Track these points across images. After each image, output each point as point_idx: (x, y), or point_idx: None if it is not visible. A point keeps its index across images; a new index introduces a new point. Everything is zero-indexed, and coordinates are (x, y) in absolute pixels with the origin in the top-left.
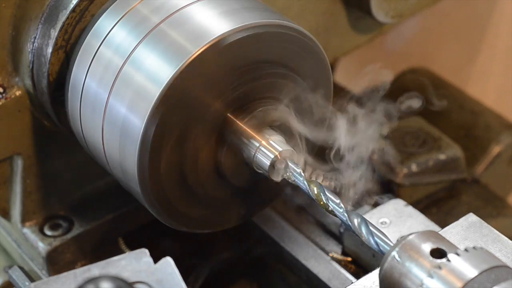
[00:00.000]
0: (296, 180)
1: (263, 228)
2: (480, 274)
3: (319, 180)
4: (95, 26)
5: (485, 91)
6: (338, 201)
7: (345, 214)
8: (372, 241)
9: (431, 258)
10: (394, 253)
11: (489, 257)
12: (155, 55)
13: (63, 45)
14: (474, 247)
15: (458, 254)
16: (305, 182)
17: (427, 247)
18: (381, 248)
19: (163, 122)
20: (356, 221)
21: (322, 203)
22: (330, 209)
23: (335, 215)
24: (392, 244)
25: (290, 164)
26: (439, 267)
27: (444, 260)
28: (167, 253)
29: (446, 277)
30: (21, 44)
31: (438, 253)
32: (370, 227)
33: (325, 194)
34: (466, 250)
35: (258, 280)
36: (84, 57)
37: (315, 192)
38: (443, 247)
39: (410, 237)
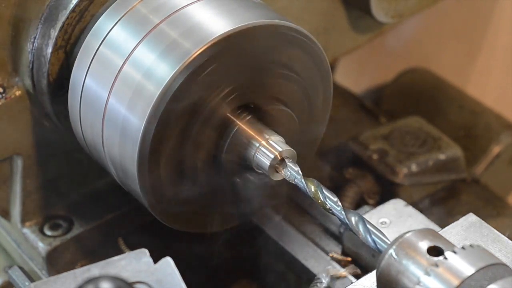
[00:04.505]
0: (294, 178)
1: (263, 228)
2: (477, 271)
3: None
4: (95, 26)
5: (485, 91)
6: (335, 199)
7: (343, 213)
8: (369, 239)
9: (428, 256)
10: (391, 251)
11: (486, 255)
12: (155, 55)
13: (63, 45)
14: (471, 245)
15: (455, 252)
16: (303, 181)
17: (424, 245)
18: (378, 246)
19: (163, 122)
20: (353, 219)
21: (320, 201)
22: (327, 207)
23: (333, 214)
24: (389, 242)
25: (288, 163)
26: (436, 265)
27: (441, 258)
28: (167, 253)
29: (443, 275)
30: (21, 44)
31: (435, 251)
32: (368, 225)
33: (322, 193)
34: (463, 248)
35: (258, 280)
36: (84, 57)
37: (313, 190)
38: (440, 245)
39: (407, 235)
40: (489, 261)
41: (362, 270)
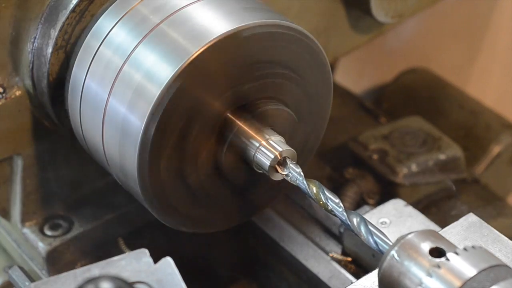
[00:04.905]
0: (296, 180)
1: (263, 228)
2: (479, 273)
3: None
4: (95, 26)
5: (485, 91)
6: (337, 200)
7: (344, 214)
8: (371, 240)
9: (430, 257)
10: (393, 252)
11: (488, 256)
12: (155, 55)
13: (63, 45)
14: (473, 246)
15: (457, 253)
16: (305, 182)
17: (426, 246)
18: (380, 247)
19: (163, 122)
20: (355, 220)
21: (321, 202)
22: (329, 208)
23: (335, 215)
24: (391, 243)
25: (289, 164)
26: (438, 266)
27: (443, 259)
28: (167, 253)
29: (445, 276)
30: (21, 44)
31: (437, 252)
32: (369, 227)
33: (324, 194)
34: (465, 249)
35: (258, 280)
36: (84, 57)
37: (314, 191)
38: (442, 246)
39: (409, 236)
40: (491, 263)
41: (362, 270)
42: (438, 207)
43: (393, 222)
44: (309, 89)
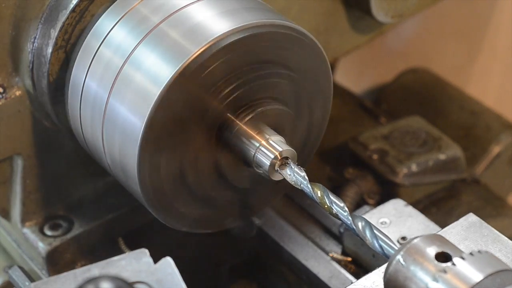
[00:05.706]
0: (300, 183)
1: (263, 228)
2: (485, 278)
3: None
4: (95, 26)
5: (485, 91)
6: (342, 204)
7: (349, 218)
8: (376, 244)
9: (436, 262)
10: (398, 256)
11: (494, 261)
12: (155, 55)
13: (63, 45)
14: (479, 251)
15: (463, 258)
16: (309, 186)
17: (432, 250)
18: (385, 251)
19: (163, 122)
20: (360, 224)
21: (326, 206)
22: (334, 212)
23: (339, 219)
24: (396, 248)
25: (294, 167)
26: (444, 271)
27: (449, 264)
28: (167, 253)
29: (451, 281)
30: (21, 44)
31: (443, 257)
32: (375, 231)
33: (329, 198)
34: (471, 254)
35: (258, 280)
36: (84, 57)
37: (319, 195)
38: (448, 251)
39: (415, 240)
40: (497, 268)
41: (362, 270)
42: (438, 207)
43: (393, 222)
44: (309, 89)
